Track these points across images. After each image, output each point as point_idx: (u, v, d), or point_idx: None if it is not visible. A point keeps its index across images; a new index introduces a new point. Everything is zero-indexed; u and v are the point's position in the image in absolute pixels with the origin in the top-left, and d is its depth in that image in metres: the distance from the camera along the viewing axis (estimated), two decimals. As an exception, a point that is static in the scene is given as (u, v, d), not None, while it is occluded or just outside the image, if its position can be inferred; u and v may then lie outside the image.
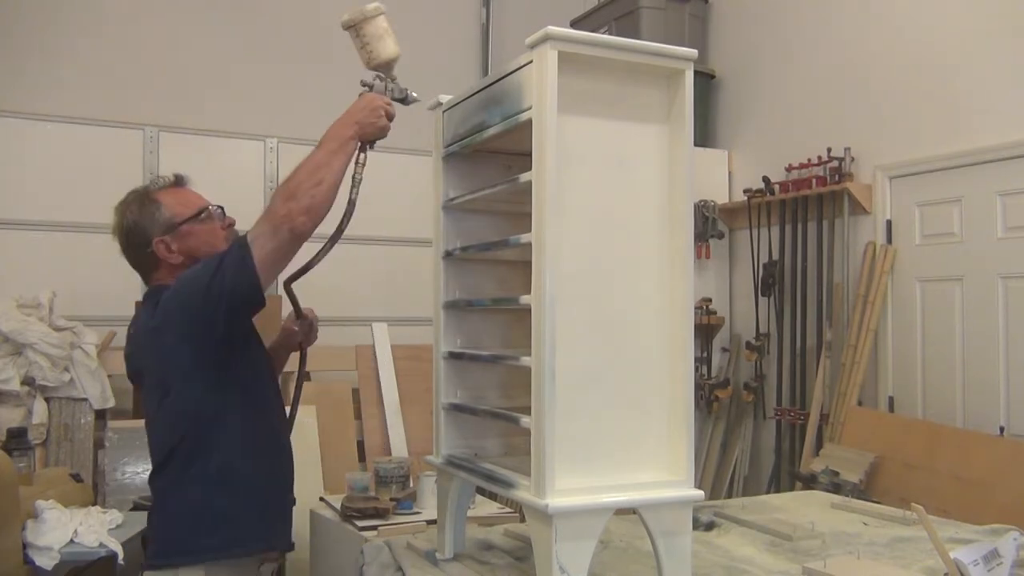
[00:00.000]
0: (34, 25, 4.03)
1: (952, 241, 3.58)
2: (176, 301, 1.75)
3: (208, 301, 1.69)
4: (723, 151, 4.80)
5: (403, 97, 1.91)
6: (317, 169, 1.71)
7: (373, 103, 1.81)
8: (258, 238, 1.68)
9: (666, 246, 1.63)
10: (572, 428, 1.52)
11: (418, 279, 2.06)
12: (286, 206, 1.67)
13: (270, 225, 1.68)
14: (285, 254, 1.71)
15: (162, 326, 1.77)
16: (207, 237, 1.92)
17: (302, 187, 1.68)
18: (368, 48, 1.85)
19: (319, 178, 1.69)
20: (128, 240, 1.92)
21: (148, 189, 1.96)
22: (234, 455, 1.81)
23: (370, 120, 1.80)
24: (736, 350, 4.63)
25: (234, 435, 1.82)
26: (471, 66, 4.95)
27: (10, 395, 3.43)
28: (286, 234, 1.67)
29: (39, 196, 3.96)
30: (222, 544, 1.79)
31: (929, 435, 3.37)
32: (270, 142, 4.42)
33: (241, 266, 1.67)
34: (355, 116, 1.79)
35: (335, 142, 1.76)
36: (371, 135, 1.82)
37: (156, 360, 1.82)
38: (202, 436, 1.79)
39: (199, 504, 1.79)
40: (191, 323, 1.73)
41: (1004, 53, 3.38)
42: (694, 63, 1.64)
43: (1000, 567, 1.59)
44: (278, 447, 1.96)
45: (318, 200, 1.68)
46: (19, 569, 2.51)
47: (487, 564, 1.88)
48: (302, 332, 2.13)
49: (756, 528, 2.16)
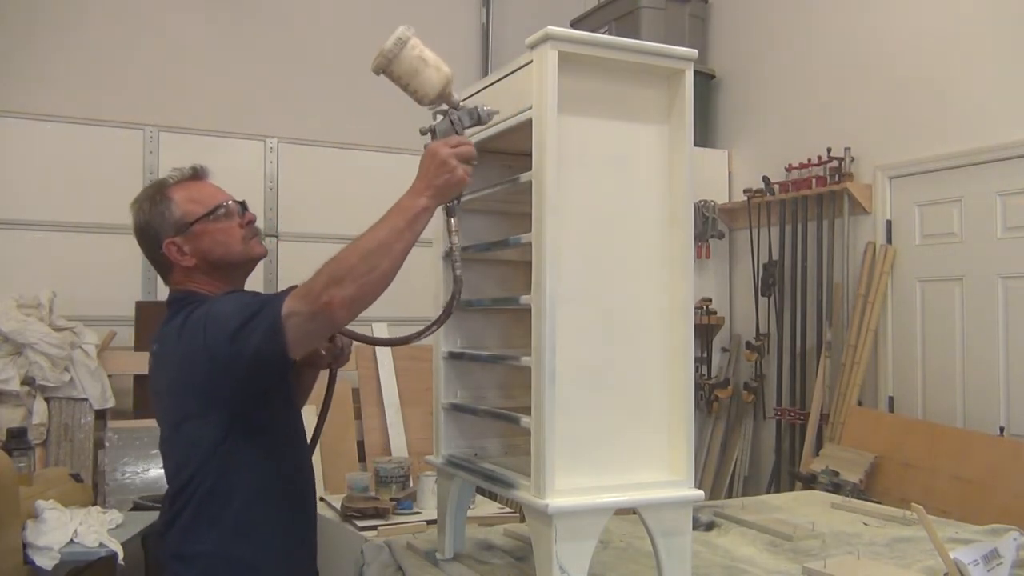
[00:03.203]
0: (34, 25, 4.03)
1: (952, 241, 3.58)
2: (202, 333, 1.58)
3: (232, 350, 1.53)
4: (723, 151, 4.80)
5: (476, 121, 1.61)
6: (375, 251, 1.46)
7: (438, 156, 1.53)
8: (294, 316, 1.48)
9: (666, 246, 1.63)
10: (572, 428, 1.52)
11: (418, 279, 2.04)
12: (328, 292, 1.44)
13: (308, 309, 1.47)
14: (320, 338, 1.58)
15: (185, 353, 1.61)
16: (222, 237, 1.73)
17: (353, 272, 1.45)
18: (411, 88, 1.59)
19: (374, 264, 1.46)
20: (141, 240, 1.77)
21: (164, 183, 1.78)
22: (253, 501, 1.65)
23: (443, 179, 1.52)
24: (736, 350, 4.63)
25: (253, 479, 1.66)
26: (471, 66, 4.95)
27: (10, 395, 3.43)
28: (324, 321, 1.48)
29: (39, 196, 3.96)
30: None
31: (929, 435, 3.37)
32: (270, 142, 4.42)
33: (271, 337, 1.49)
34: (426, 180, 1.52)
35: (403, 216, 1.49)
36: (449, 195, 1.57)
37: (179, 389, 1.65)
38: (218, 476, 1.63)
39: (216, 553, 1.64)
40: (212, 358, 1.56)
41: (1004, 53, 3.38)
42: (694, 63, 1.64)
43: (1000, 567, 1.59)
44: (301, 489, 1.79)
45: (366, 291, 1.46)
46: (19, 569, 2.51)
47: (487, 564, 1.88)
48: (331, 355, 1.91)
49: (756, 528, 2.16)
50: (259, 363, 1.52)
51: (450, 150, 1.54)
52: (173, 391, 1.67)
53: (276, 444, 1.72)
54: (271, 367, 1.54)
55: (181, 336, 1.62)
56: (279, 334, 1.48)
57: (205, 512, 1.63)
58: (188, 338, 1.60)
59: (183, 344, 1.61)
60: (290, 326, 1.48)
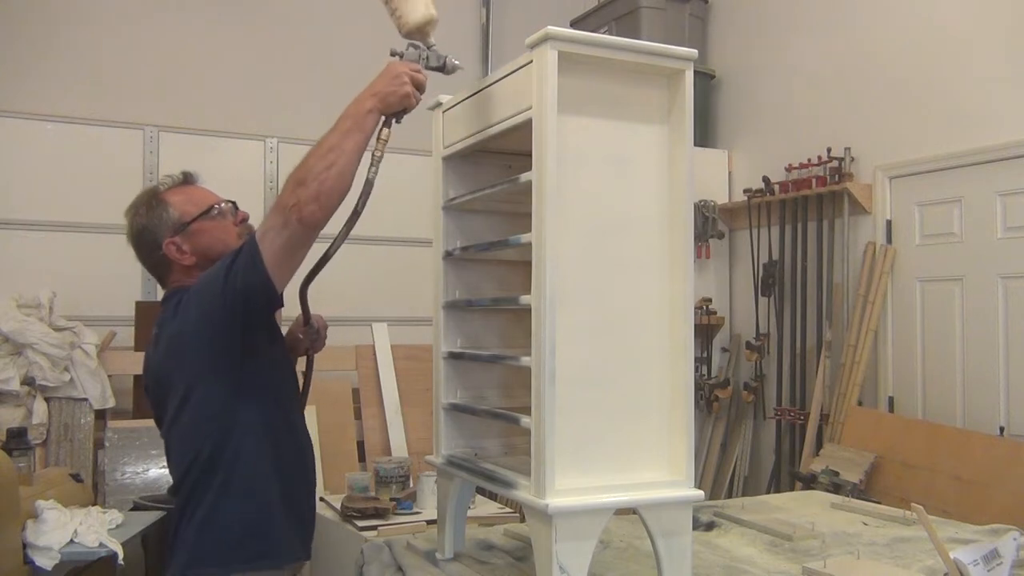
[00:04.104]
0: (34, 25, 4.03)
1: (952, 241, 3.58)
2: (195, 305, 1.68)
3: (224, 305, 1.62)
4: (723, 151, 4.80)
5: (441, 65, 1.74)
6: (329, 151, 1.59)
7: (395, 70, 1.66)
8: (267, 233, 1.59)
9: (666, 246, 1.63)
10: (572, 428, 1.52)
11: (418, 279, 2.04)
12: (295, 194, 1.57)
13: (280, 217, 1.58)
14: (298, 247, 1.62)
15: (182, 332, 1.70)
16: (219, 234, 1.83)
17: (312, 172, 1.57)
18: (397, 13, 1.70)
19: (330, 161, 1.58)
20: (139, 245, 1.85)
21: (156, 190, 1.88)
22: (260, 466, 1.74)
23: (390, 89, 1.65)
24: (736, 350, 4.63)
25: (259, 443, 1.74)
26: (471, 66, 4.95)
27: (10, 395, 3.43)
28: (296, 225, 1.57)
29: (39, 196, 3.96)
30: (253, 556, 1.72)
31: (929, 435, 3.37)
32: (270, 142, 4.42)
33: (251, 266, 1.59)
34: (374, 87, 1.65)
35: (350, 119, 1.63)
36: (393, 106, 1.67)
37: (177, 365, 1.73)
38: (225, 443, 1.71)
39: (227, 517, 1.71)
40: (209, 326, 1.66)
41: (1004, 53, 3.38)
42: (694, 63, 1.64)
43: (1000, 567, 1.59)
44: (302, 450, 1.88)
45: (328, 185, 1.57)
46: (19, 569, 2.51)
47: (487, 564, 1.88)
48: (308, 339, 2.02)
49: (756, 528, 2.16)
50: (249, 299, 1.61)
51: (407, 70, 1.67)
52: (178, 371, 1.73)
53: (279, 406, 1.81)
54: (260, 299, 1.62)
55: (177, 313, 1.72)
56: (258, 260, 1.59)
57: (210, 475, 1.70)
58: (184, 314, 1.70)
59: (180, 319, 1.71)
60: (266, 245, 1.59)
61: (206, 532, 1.71)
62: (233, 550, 1.71)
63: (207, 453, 1.70)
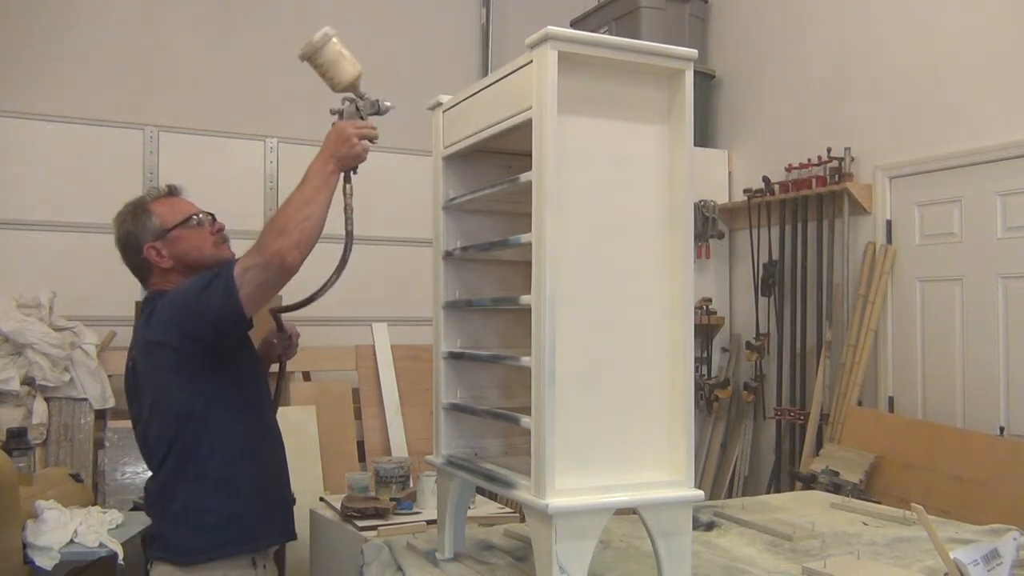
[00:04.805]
0: (34, 25, 4.03)
1: (952, 241, 3.58)
2: (168, 311, 1.86)
3: (196, 317, 1.80)
4: (723, 151, 4.80)
5: (375, 111, 1.95)
6: (304, 205, 1.79)
7: (343, 133, 1.87)
8: (249, 271, 1.76)
9: (666, 246, 1.63)
10: (572, 428, 1.52)
11: (418, 279, 2.06)
12: (277, 242, 1.74)
13: (262, 259, 1.75)
14: (274, 286, 1.79)
15: (155, 336, 1.87)
16: (196, 242, 2.01)
17: (292, 222, 1.76)
18: (328, 75, 1.90)
19: (307, 213, 1.78)
20: (124, 248, 2.03)
21: (142, 200, 2.07)
22: (233, 459, 1.90)
23: (344, 151, 1.86)
24: (736, 350, 4.63)
25: (229, 436, 1.90)
26: (471, 66, 4.95)
27: (10, 395, 3.43)
28: (277, 268, 1.75)
29: (39, 196, 3.96)
30: (227, 543, 1.88)
31: (929, 435, 3.37)
32: (270, 142, 4.42)
33: (227, 295, 1.76)
34: (329, 150, 1.86)
35: (317, 178, 1.83)
36: (350, 164, 1.89)
37: (152, 368, 1.90)
38: (199, 439, 1.87)
39: (202, 506, 1.87)
40: (180, 335, 1.83)
41: (1004, 53, 3.38)
42: (694, 63, 1.64)
43: (1000, 567, 1.59)
44: (273, 445, 2.06)
45: (307, 233, 1.77)
46: (19, 569, 2.51)
47: (487, 564, 1.88)
48: (281, 346, 2.21)
49: (756, 528, 2.16)
50: (220, 321, 1.79)
51: (354, 130, 1.88)
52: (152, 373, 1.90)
53: (249, 403, 1.98)
54: (230, 324, 1.80)
55: (152, 324, 1.89)
56: (234, 292, 1.75)
57: (184, 469, 1.87)
58: (157, 319, 1.87)
59: (154, 325, 1.88)
60: (246, 281, 1.76)
61: (182, 522, 1.87)
62: (209, 539, 1.86)
63: (181, 448, 1.87)
